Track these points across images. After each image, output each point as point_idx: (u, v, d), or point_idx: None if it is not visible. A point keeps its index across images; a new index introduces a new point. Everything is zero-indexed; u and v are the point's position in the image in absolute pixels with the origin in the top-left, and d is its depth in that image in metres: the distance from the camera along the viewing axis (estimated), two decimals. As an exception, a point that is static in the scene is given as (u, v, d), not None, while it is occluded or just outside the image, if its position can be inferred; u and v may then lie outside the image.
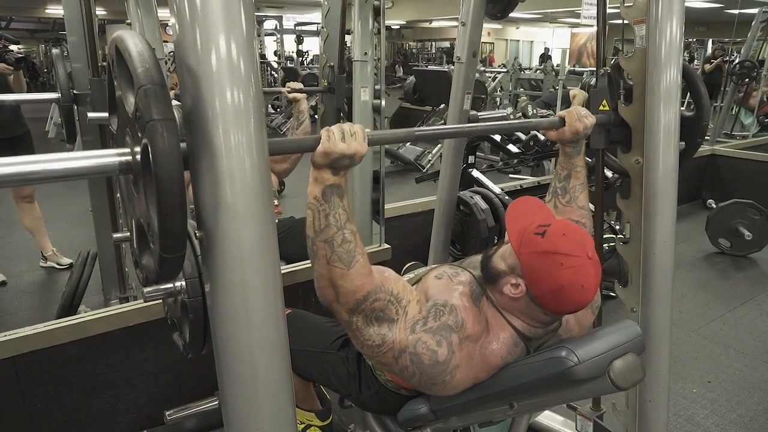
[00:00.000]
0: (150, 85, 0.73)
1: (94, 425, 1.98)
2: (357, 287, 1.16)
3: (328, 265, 1.14)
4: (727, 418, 2.30)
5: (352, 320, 1.20)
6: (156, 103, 0.73)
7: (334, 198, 1.11)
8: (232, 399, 0.92)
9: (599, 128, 1.57)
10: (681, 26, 1.42)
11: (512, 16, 17.14)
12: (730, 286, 3.68)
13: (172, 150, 0.73)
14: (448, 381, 1.20)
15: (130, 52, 0.77)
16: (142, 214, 0.85)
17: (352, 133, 1.07)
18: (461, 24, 2.12)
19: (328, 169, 1.09)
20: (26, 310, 3.18)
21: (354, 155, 1.08)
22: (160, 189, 0.73)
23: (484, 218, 2.66)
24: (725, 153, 5.16)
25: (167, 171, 0.72)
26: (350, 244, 1.13)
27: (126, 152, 0.82)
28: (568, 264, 1.14)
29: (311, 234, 1.13)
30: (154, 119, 0.72)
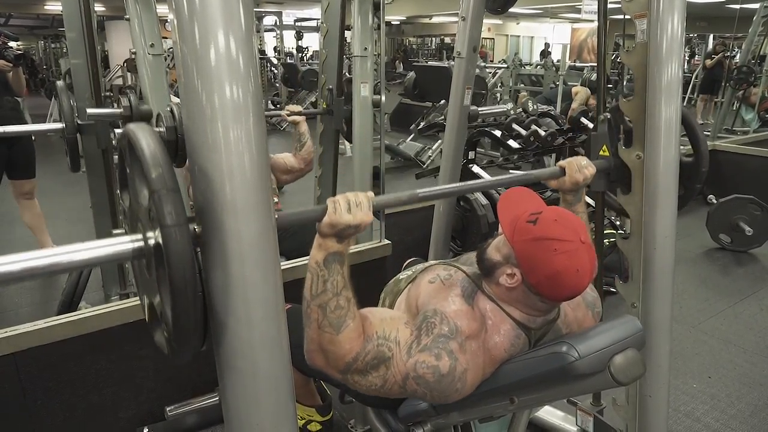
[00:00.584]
0: (164, 191, 0.77)
1: (94, 421, 1.98)
2: (346, 351, 1.17)
3: (319, 330, 1.16)
4: (727, 413, 2.30)
5: (347, 378, 1.21)
6: (170, 209, 0.76)
7: (335, 265, 1.14)
8: (232, 395, 0.92)
9: (599, 173, 1.60)
10: (682, 21, 1.42)
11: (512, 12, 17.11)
12: (731, 281, 3.68)
13: (186, 255, 0.77)
14: (461, 388, 1.19)
15: (143, 151, 0.79)
16: (154, 298, 0.89)
17: (358, 204, 1.11)
18: (461, 19, 2.11)
19: (333, 237, 1.13)
20: (26, 307, 3.19)
21: (359, 225, 1.12)
22: (174, 292, 0.77)
23: (484, 214, 2.66)
24: (726, 149, 5.15)
25: (182, 276, 0.77)
26: (343, 310, 1.16)
27: (138, 238, 0.85)
28: (561, 249, 1.14)
29: (307, 296, 1.16)
30: (168, 225, 0.76)
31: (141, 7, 2.10)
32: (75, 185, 3.78)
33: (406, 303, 1.38)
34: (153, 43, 2.14)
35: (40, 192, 3.60)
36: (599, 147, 1.65)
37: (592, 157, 1.66)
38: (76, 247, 0.82)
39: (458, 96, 2.20)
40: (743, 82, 6.39)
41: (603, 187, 1.69)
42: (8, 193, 3.51)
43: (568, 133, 3.47)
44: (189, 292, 0.78)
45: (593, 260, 1.19)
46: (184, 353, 0.86)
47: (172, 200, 0.77)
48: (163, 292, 0.84)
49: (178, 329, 0.81)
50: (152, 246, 0.82)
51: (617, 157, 1.59)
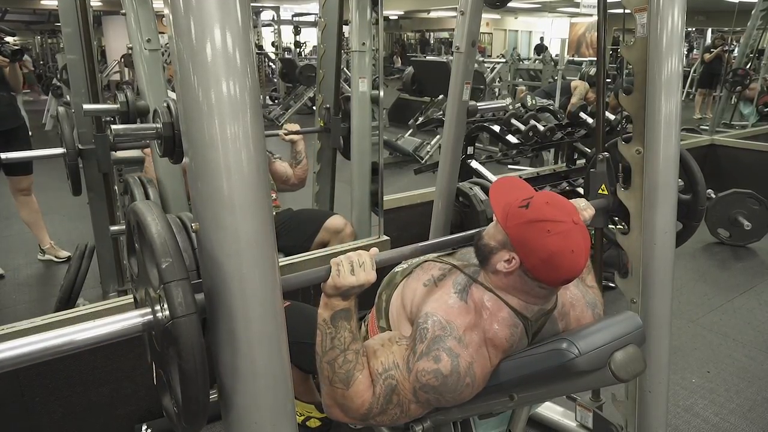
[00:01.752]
0: (174, 282, 0.79)
1: (93, 418, 1.98)
2: (359, 405, 1.20)
3: (331, 387, 1.20)
4: (726, 407, 2.30)
5: (371, 422, 1.25)
6: (181, 300, 0.79)
7: (342, 322, 1.18)
8: (230, 392, 0.91)
9: (599, 211, 1.61)
10: (683, 15, 1.41)
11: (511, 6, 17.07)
12: (729, 276, 3.68)
13: (196, 344, 0.80)
14: (471, 382, 1.19)
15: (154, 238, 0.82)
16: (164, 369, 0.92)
17: (361, 264, 1.14)
18: (460, 13, 2.10)
19: (338, 297, 1.16)
20: (24, 304, 3.18)
21: (363, 285, 1.15)
22: (184, 379, 0.81)
23: (483, 209, 2.65)
24: (724, 143, 5.14)
25: (192, 365, 0.80)
26: (350, 364, 1.19)
27: (147, 312, 0.89)
28: (555, 230, 1.15)
29: (319, 352, 1.21)
30: (179, 316, 0.79)
31: (137, 2, 2.08)
32: (72, 182, 3.77)
33: (401, 300, 1.38)
34: (150, 39, 2.12)
35: (37, 188, 3.59)
36: (598, 186, 1.68)
37: (591, 195, 1.68)
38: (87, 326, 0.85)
39: (457, 91, 2.18)
40: (738, 85, 6.40)
41: (602, 224, 1.72)
42: (5, 189, 3.50)
43: (567, 128, 3.46)
44: (199, 379, 0.81)
45: (587, 241, 1.20)
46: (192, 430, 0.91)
47: (183, 291, 0.79)
48: (172, 371, 0.87)
49: (188, 412, 0.85)
50: (162, 323, 0.84)
51: (616, 195, 1.61)
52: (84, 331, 0.84)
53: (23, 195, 3.48)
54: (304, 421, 2.01)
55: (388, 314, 1.43)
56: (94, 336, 0.85)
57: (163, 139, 1.43)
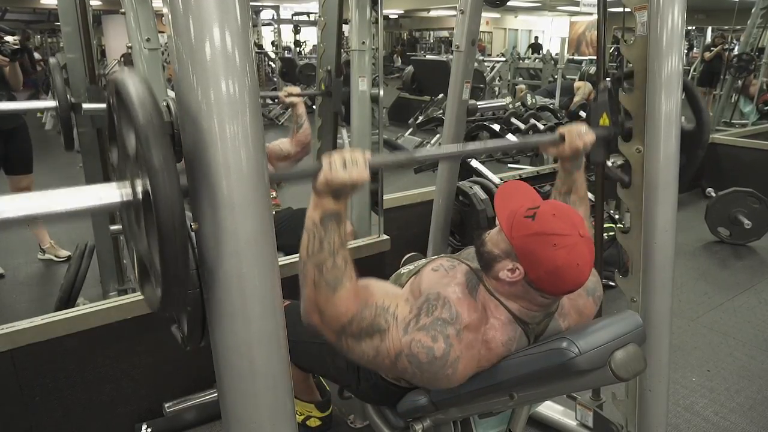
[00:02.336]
0: (151, 132, 0.74)
1: (93, 418, 1.98)
2: (341, 312, 1.17)
3: (315, 289, 1.15)
4: (727, 406, 2.30)
5: (341, 341, 1.21)
6: (157, 150, 0.74)
7: (332, 224, 1.13)
8: (230, 392, 0.91)
9: (599, 142, 1.57)
10: (683, 13, 1.41)
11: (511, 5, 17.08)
12: (730, 274, 3.68)
13: (174, 199, 0.74)
14: (451, 374, 1.19)
15: (130, 96, 0.77)
16: (144, 251, 0.87)
17: (354, 161, 1.09)
18: (460, 12, 2.10)
19: (329, 196, 1.11)
20: (24, 303, 3.18)
21: (355, 183, 1.09)
22: (162, 237, 0.75)
23: (483, 208, 2.65)
24: (725, 141, 5.14)
25: (170, 220, 0.74)
26: (339, 270, 1.15)
27: (127, 188, 0.83)
28: (561, 244, 1.13)
29: (304, 256, 1.15)
30: (156, 168, 0.73)
31: (137, 1, 2.08)
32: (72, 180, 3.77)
33: (409, 292, 1.38)
34: (149, 38, 2.12)
35: (37, 187, 3.57)
36: (599, 116, 1.63)
37: (592, 126, 1.62)
38: (63, 193, 0.79)
39: (457, 90, 2.19)
40: (744, 70, 6.35)
41: (603, 157, 1.67)
42: (5, 188, 3.50)
43: (567, 127, 3.46)
44: (177, 236, 0.75)
45: (592, 253, 1.19)
46: (173, 301, 0.83)
47: (160, 142, 0.74)
48: (151, 241, 0.81)
49: (166, 275, 0.78)
50: (141, 195, 0.79)
51: (617, 126, 1.57)
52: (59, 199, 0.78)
53: (23, 194, 3.48)
54: (303, 421, 2.01)
55: None
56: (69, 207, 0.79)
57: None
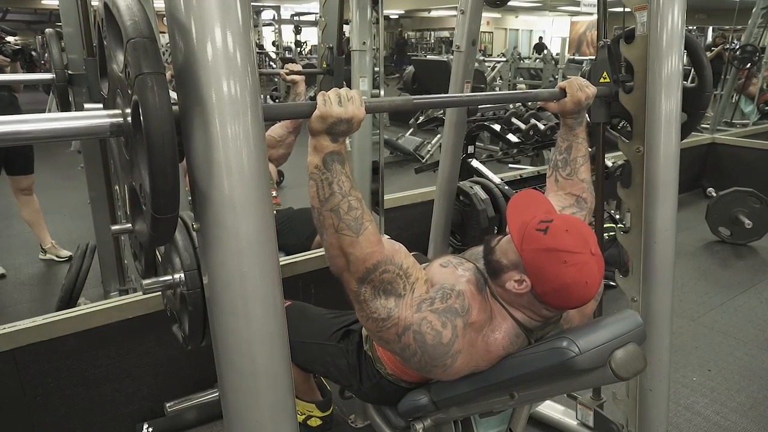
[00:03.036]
0: (138, 39, 0.71)
1: (94, 417, 1.98)
2: (367, 255, 1.14)
3: (337, 234, 1.11)
4: (727, 406, 2.30)
5: (360, 290, 1.18)
6: (145, 56, 0.70)
7: (336, 165, 1.09)
8: (231, 391, 0.91)
9: (600, 101, 1.56)
10: (682, 13, 1.41)
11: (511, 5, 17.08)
12: (731, 274, 3.68)
13: (163, 104, 0.71)
14: (449, 365, 1.19)
15: (118, 6, 0.74)
16: (135, 177, 0.83)
17: (349, 98, 1.06)
18: (460, 12, 2.10)
19: (326, 135, 1.07)
20: (26, 303, 3.19)
21: (351, 119, 1.06)
22: (151, 146, 0.70)
23: (483, 208, 2.65)
24: (725, 141, 5.14)
25: (158, 126, 0.70)
26: (357, 211, 1.11)
27: (117, 113, 0.80)
28: (571, 261, 1.12)
29: (316, 204, 1.12)
30: (144, 73, 0.70)
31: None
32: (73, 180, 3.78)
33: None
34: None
35: (38, 187, 3.59)
36: (600, 74, 1.61)
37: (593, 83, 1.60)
38: (52, 116, 0.76)
39: (457, 90, 2.19)
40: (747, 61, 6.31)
41: (603, 117, 1.65)
42: (6, 188, 3.51)
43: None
44: (166, 144, 0.71)
45: (602, 270, 1.18)
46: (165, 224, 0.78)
47: (148, 48, 0.71)
48: (141, 161, 0.77)
49: (156, 192, 0.73)
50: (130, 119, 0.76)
51: (618, 84, 1.56)
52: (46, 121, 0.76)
53: (24, 194, 3.49)
54: (305, 420, 2.01)
55: None
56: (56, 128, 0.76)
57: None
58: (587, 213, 1.49)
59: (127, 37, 0.71)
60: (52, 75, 2.13)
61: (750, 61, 6.28)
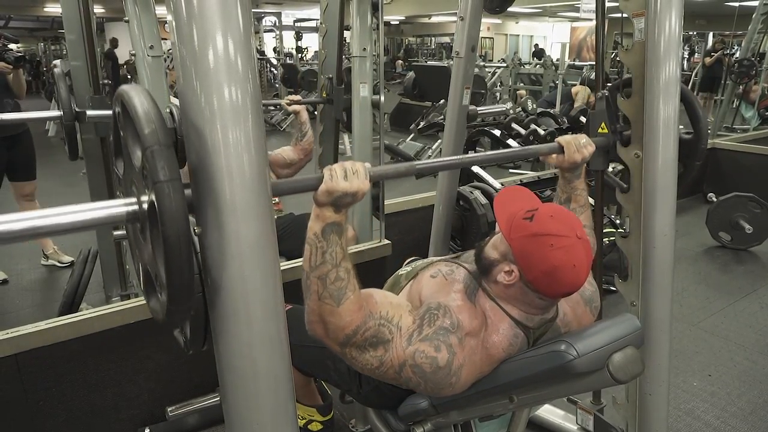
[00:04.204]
0: (156, 147, 0.76)
1: (96, 422, 1.99)
2: (346, 323, 1.17)
3: (319, 301, 1.15)
4: (728, 411, 2.30)
5: (345, 351, 1.21)
6: (163, 164, 0.75)
7: (333, 236, 1.13)
8: (232, 395, 0.92)
9: (598, 151, 1.58)
10: (680, 19, 1.42)
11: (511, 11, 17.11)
12: (731, 279, 3.68)
13: (179, 211, 0.76)
14: (455, 382, 1.20)
15: (136, 110, 0.78)
16: (150, 262, 0.88)
17: (354, 172, 1.10)
18: (460, 18, 2.11)
19: (330, 207, 1.12)
20: (28, 308, 3.19)
21: (356, 193, 1.10)
22: (168, 248, 0.76)
23: (483, 213, 2.66)
24: (726, 146, 5.15)
25: (175, 231, 0.75)
26: (343, 281, 1.15)
27: (133, 202, 0.85)
28: (558, 245, 1.14)
29: (307, 268, 1.16)
30: (161, 181, 0.75)
31: (140, 8, 2.10)
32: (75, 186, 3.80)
33: (408, 298, 1.38)
34: (152, 45, 2.14)
35: (40, 194, 3.60)
36: (598, 125, 1.63)
37: (591, 134, 1.63)
38: (71, 209, 0.80)
39: (457, 95, 2.20)
40: (744, 76, 6.35)
41: (602, 165, 1.67)
42: (9, 194, 3.52)
43: (568, 132, 3.47)
44: (182, 247, 0.76)
45: (589, 255, 1.19)
46: (179, 313, 0.84)
47: (166, 156, 0.76)
48: (157, 253, 0.83)
49: (172, 286, 0.79)
50: (146, 208, 0.80)
51: (616, 134, 1.58)
52: (66, 215, 0.80)
53: (27, 200, 3.50)
54: (305, 425, 2.01)
55: None
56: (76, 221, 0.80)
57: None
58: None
59: (146, 145, 0.76)
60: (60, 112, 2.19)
61: (747, 74, 6.32)
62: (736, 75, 6.31)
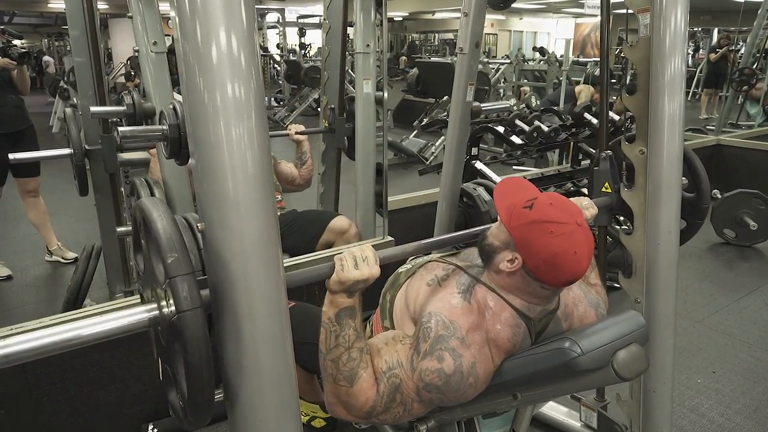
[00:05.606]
0: (179, 278, 0.80)
1: (100, 417, 1.99)
2: (362, 402, 1.21)
3: (335, 384, 1.21)
4: (732, 408, 2.30)
5: (374, 420, 1.26)
6: (186, 294, 0.80)
7: (347, 320, 1.19)
8: (235, 390, 0.92)
9: (602, 209, 1.61)
10: (685, 15, 1.41)
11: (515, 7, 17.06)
12: (735, 276, 3.67)
13: (202, 339, 0.81)
14: (474, 382, 1.20)
15: (159, 234, 0.83)
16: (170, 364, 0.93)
17: (364, 258, 1.15)
18: (464, 15, 2.10)
19: (343, 293, 1.17)
20: (32, 304, 3.20)
21: (367, 279, 1.15)
22: (190, 372, 0.82)
23: (487, 210, 2.65)
24: (730, 143, 5.13)
25: (197, 359, 0.81)
26: (355, 362, 1.20)
27: (153, 308, 0.90)
28: (558, 231, 1.15)
29: (323, 350, 1.22)
30: (185, 311, 0.80)
31: (143, 4, 2.10)
32: (79, 184, 3.80)
33: (404, 300, 1.39)
34: (156, 41, 2.14)
35: (44, 189, 3.61)
36: (601, 184, 1.68)
37: (595, 194, 1.69)
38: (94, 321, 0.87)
39: (460, 92, 2.19)
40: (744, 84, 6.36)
41: (605, 222, 1.72)
42: (13, 190, 3.53)
43: (571, 129, 3.46)
44: (204, 372, 0.82)
45: (590, 243, 1.20)
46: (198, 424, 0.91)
47: (188, 285, 0.80)
48: (178, 366, 0.88)
49: (193, 405, 0.86)
50: (167, 318, 0.85)
51: (619, 194, 1.61)
52: (91, 326, 0.86)
53: (31, 196, 3.51)
54: (309, 421, 2.01)
55: (392, 315, 1.43)
56: (101, 331, 0.87)
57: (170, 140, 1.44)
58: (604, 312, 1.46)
59: (170, 275, 0.81)
60: (71, 151, 2.29)
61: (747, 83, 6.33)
62: (737, 83, 6.31)
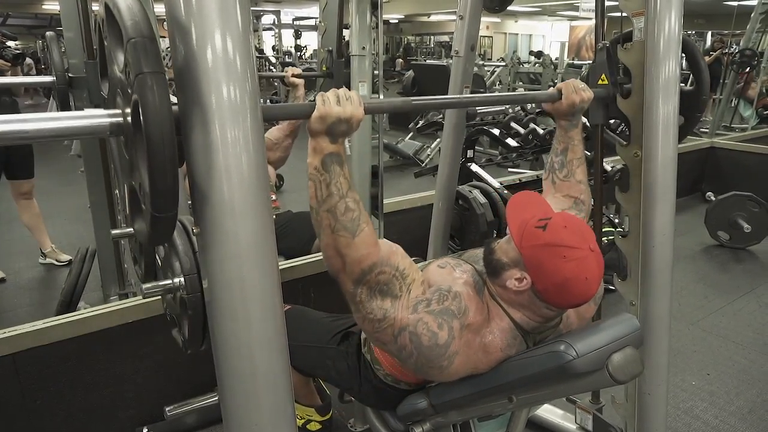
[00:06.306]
0: (139, 38, 0.71)
1: (94, 421, 1.98)
2: (362, 256, 1.14)
3: (333, 234, 1.12)
4: (726, 410, 2.30)
5: (357, 291, 1.18)
6: (145, 56, 0.71)
7: (334, 167, 1.10)
8: (230, 395, 0.92)
9: (598, 103, 1.55)
10: (679, 18, 1.42)
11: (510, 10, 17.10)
12: (729, 278, 3.68)
13: (162, 103, 0.71)
14: (445, 366, 1.19)
15: (119, 7, 0.75)
16: (134, 177, 0.83)
17: (348, 98, 1.07)
18: (459, 17, 2.11)
19: (325, 136, 1.08)
20: (25, 307, 3.19)
21: (351, 119, 1.07)
22: (150, 145, 0.71)
23: (482, 212, 2.66)
24: (724, 145, 5.15)
25: (158, 125, 0.70)
26: (354, 212, 1.12)
27: (117, 113, 0.81)
28: (571, 257, 1.13)
29: (314, 204, 1.13)
30: (144, 72, 0.70)
31: (138, 6, 2.09)
32: (73, 184, 3.79)
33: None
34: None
35: (38, 192, 3.60)
36: (598, 76, 1.60)
37: (591, 85, 1.58)
38: (53, 115, 0.76)
39: (456, 94, 2.19)
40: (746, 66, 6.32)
41: (601, 119, 1.65)
42: (7, 193, 3.51)
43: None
44: (166, 143, 0.71)
45: (601, 268, 1.18)
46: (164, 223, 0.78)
47: (149, 48, 0.71)
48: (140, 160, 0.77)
49: (155, 191, 0.73)
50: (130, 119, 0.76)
51: (616, 86, 1.56)
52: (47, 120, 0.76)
53: (24, 199, 3.50)
54: (304, 425, 2.01)
55: None
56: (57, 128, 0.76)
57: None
58: (585, 215, 1.50)
59: (128, 37, 0.72)
60: (53, 78, 2.13)
61: (749, 65, 6.29)
62: (738, 65, 6.27)
